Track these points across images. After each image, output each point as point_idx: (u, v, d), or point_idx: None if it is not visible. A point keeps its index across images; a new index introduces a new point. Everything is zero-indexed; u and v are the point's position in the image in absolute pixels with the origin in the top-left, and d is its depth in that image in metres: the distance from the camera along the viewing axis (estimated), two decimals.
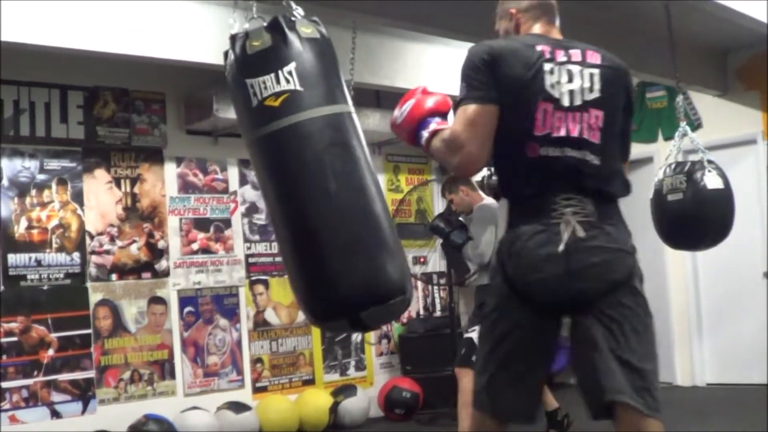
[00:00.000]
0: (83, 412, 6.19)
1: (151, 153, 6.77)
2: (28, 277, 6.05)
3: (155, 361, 6.61)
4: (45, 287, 6.12)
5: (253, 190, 7.38)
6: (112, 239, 6.48)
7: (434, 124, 2.83)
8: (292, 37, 3.10)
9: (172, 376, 6.69)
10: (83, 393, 6.20)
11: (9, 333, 5.89)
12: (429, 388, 7.71)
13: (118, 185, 6.57)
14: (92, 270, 6.36)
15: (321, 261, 2.84)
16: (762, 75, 7.54)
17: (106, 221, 6.48)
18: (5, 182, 5.95)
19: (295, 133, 2.90)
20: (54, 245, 6.20)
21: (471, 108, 2.64)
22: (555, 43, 2.78)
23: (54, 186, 6.24)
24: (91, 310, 6.33)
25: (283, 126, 2.90)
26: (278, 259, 7.51)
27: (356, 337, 8.11)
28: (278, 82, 3.00)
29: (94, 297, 6.36)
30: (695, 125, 7.97)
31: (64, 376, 6.12)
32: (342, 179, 2.87)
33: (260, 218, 7.46)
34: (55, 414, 6.05)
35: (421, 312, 8.75)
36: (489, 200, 6.09)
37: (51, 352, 6.07)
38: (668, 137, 8.05)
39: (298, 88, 2.93)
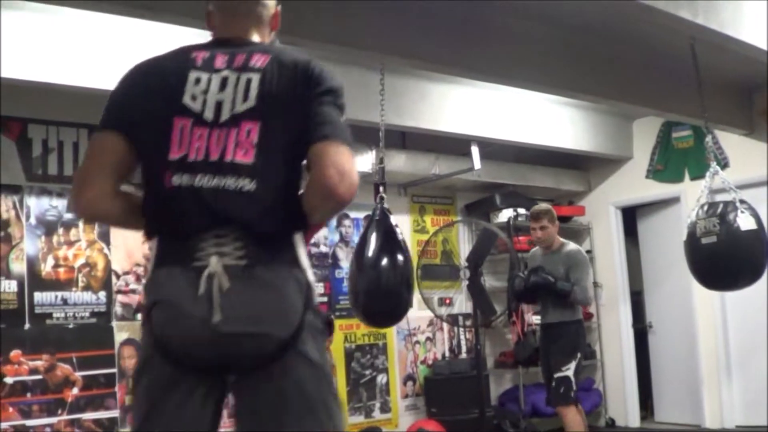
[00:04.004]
0: None
1: None
2: (54, 315, 6.06)
3: None
4: (71, 326, 6.13)
5: None
6: (138, 279, 6.49)
7: None
8: None
9: None
10: None
11: (34, 371, 5.89)
12: (454, 430, 7.63)
13: None
14: (118, 309, 6.37)
15: None
16: None
17: (133, 260, 6.49)
18: (32, 221, 6.00)
19: None
20: (80, 284, 6.22)
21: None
22: None
23: (81, 225, 6.26)
24: (116, 349, 6.33)
25: None
26: None
27: (381, 379, 8.07)
28: None
29: (120, 336, 6.36)
30: (721, 165, 7.93)
31: (89, 415, 6.11)
32: None
33: None
34: None
35: (447, 354, 8.70)
36: (572, 243, 6.62)
37: (75, 390, 6.07)
38: (695, 177, 8.03)
39: None
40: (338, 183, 2.04)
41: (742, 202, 5.51)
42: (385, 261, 5.13)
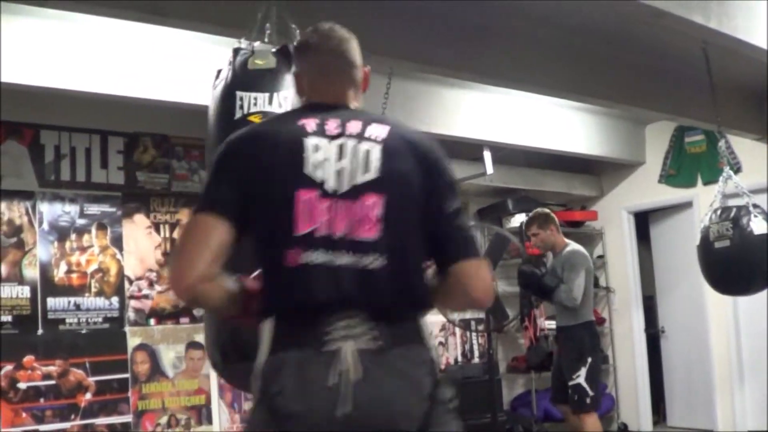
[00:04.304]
0: None
1: (191, 198, 6.77)
2: (67, 320, 6.08)
3: (193, 406, 6.60)
4: (83, 331, 6.14)
5: None
6: (151, 284, 6.51)
7: None
8: None
9: (210, 421, 6.66)
10: None
11: (47, 376, 5.91)
12: None
13: (158, 230, 6.60)
14: (131, 314, 6.38)
15: None
16: None
17: (145, 266, 6.51)
18: (45, 226, 6.03)
19: None
20: (93, 289, 6.23)
21: None
22: None
23: (94, 230, 6.29)
24: (129, 354, 6.34)
25: None
26: None
27: None
28: (270, 102, 2.94)
29: (133, 341, 6.37)
30: (734, 169, 7.90)
31: (102, 420, 6.12)
32: None
33: None
34: None
35: (459, 358, 8.69)
36: (576, 245, 6.54)
37: (88, 395, 6.08)
38: (708, 182, 8.01)
39: None
40: (484, 299, 2.19)
41: (755, 206, 5.50)
42: None
